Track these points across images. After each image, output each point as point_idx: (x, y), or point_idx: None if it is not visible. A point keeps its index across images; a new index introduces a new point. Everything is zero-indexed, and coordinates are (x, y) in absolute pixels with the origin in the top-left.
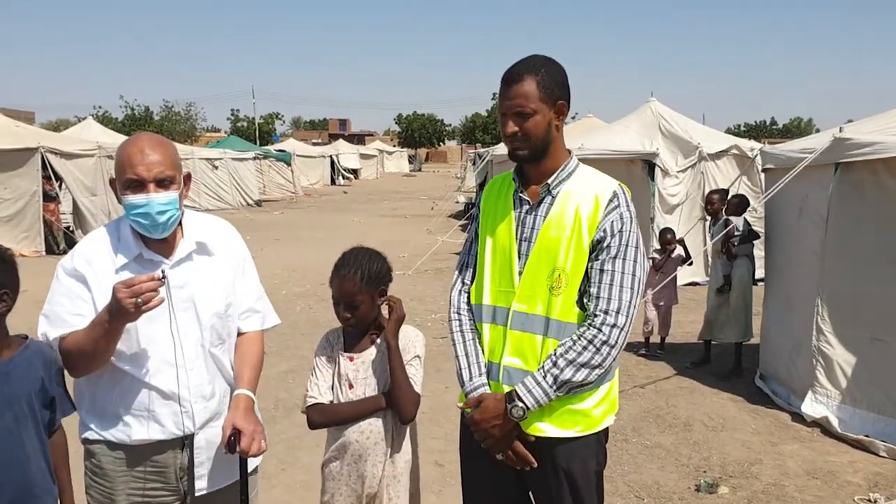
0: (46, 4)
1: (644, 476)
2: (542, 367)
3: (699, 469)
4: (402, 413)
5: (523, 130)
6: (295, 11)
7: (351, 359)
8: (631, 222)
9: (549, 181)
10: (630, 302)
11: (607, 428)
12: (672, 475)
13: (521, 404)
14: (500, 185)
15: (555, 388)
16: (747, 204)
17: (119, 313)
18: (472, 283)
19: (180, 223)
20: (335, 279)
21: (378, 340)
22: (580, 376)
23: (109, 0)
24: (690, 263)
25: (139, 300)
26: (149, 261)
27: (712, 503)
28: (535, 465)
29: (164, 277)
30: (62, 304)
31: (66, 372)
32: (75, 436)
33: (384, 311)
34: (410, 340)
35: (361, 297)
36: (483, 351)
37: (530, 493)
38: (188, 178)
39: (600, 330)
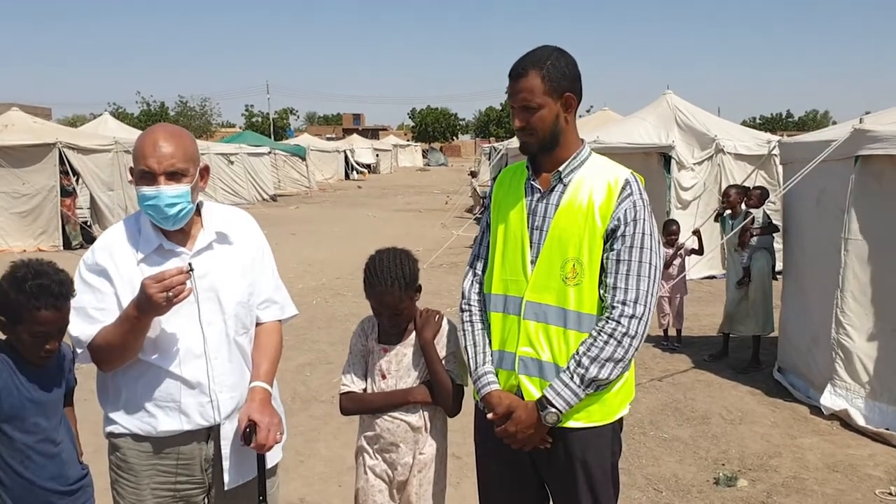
0: (62, 1)
1: (662, 469)
2: (568, 367)
3: (718, 462)
4: (445, 408)
5: (530, 125)
6: (308, 7)
7: (385, 350)
8: (644, 210)
9: (561, 169)
10: (648, 291)
11: (622, 418)
12: (690, 468)
13: (553, 409)
14: (512, 173)
15: (583, 387)
16: (768, 196)
17: (149, 308)
18: (483, 273)
19: (200, 214)
20: (372, 295)
21: (413, 335)
22: (605, 372)
23: None
24: (702, 253)
25: (170, 294)
26: (169, 251)
27: (731, 496)
28: (550, 441)
29: (190, 269)
30: (87, 301)
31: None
32: (100, 430)
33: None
34: (444, 335)
35: (404, 304)
36: (491, 341)
37: (546, 485)
38: (206, 170)
39: (619, 322)
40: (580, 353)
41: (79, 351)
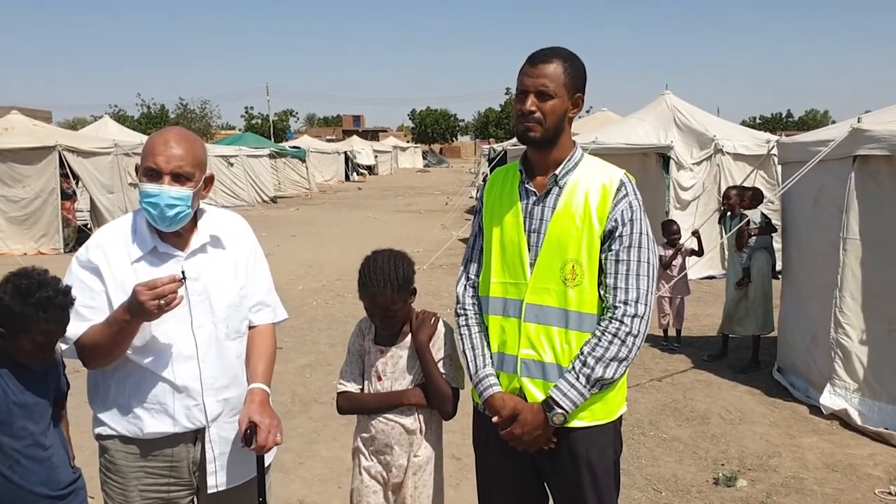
0: (62, 5)
1: (662, 469)
2: (573, 367)
3: (717, 462)
4: (440, 411)
5: (542, 111)
6: (308, 9)
7: (381, 351)
8: (640, 210)
9: (557, 172)
10: (647, 290)
11: (622, 415)
12: (690, 468)
13: (560, 410)
14: (503, 176)
15: (589, 386)
16: (762, 196)
17: (139, 314)
18: (477, 276)
19: (196, 219)
20: (365, 296)
21: (409, 337)
22: (610, 372)
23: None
24: (701, 254)
25: (161, 302)
26: (164, 254)
27: (731, 496)
28: (555, 441)
29: (183, 278)
30: (78, 298)
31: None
32: (89, 432)
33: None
34: (440, 337)
35: (397, 305)
36: (490, 343)
37: (546, 485)
38: (210, 179)
39: (622, 322)
40: (585, 353)
41: (64, 347)
